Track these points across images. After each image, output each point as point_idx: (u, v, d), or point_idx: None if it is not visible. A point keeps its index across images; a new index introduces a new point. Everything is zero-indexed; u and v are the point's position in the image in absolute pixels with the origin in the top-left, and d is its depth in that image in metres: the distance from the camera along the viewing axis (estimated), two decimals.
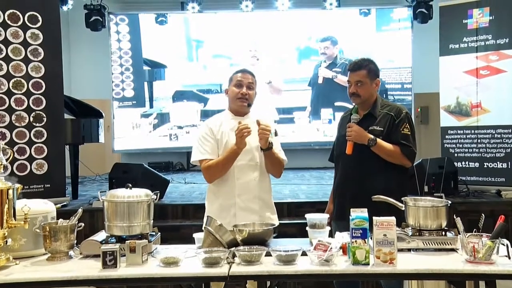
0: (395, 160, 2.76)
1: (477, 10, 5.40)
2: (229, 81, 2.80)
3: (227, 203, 2.69)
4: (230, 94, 2.77)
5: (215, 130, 2.73)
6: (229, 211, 2.68)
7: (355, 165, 2.79)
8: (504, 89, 5.24)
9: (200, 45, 8.87)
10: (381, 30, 8.77)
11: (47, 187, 4.91)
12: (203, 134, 2.73)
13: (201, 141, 2.72)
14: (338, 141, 2.96)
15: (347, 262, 2.01)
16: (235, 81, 2.76)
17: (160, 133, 8.81)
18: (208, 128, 2.73)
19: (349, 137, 2.75)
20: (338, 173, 2.95)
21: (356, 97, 2.83)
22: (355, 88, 2.81)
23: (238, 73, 2.78)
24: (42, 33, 4.94)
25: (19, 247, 2.16)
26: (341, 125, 3.01)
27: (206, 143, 2.70)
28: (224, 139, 2.71)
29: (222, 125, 2.75)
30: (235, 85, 2.74)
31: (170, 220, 4.96)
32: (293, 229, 4.19)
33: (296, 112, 8.75)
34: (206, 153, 2.69)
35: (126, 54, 8.81)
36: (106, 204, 2.23)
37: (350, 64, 2.92)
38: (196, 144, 2.74)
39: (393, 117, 2.79)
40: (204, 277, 2.00)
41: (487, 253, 1.95)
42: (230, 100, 2.79)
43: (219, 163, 2.66)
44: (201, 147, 2.71)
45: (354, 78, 2.82)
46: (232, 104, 2.79)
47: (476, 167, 5.39)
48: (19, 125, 4.83)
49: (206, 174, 2.71)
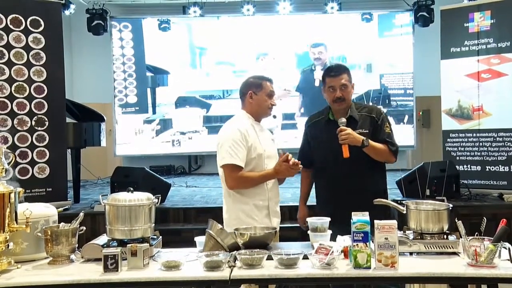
0: (382, 158, 2.86)
1: (478, 14, 5.40)
2: (257, 87, 2.77)
3: (261, 204, 2.72)
4: (260, 101, 2.76)
5: (247, 136, 2.69)
6: (261, 211, 2.71)
7: (349, 167, 2.79)
8: (505, 92, 5.24)
9: (204, 52, 8.89)
10: (383, 36, 8.78)
11: (49, 191, 4.91)
12: (236, 140, 2.65)
13: (234, 147, 2.65)
14: (318, 146, 2.93)
15: (349, 266, 2.01)
16: (267, 90, 2.77)
17: (163, 139, 8.83)
18: (241, 134, 2.67)
19: (344, 141, 2.72)
20: (325, 178, 2.93)
21: (341, 102, 2.84)
22: (341, 92, 2.82)
23: (268, 81, 2.80)
24: (44, 37, 4.95)
25: (21, 251, 2.17)
26: (316, 129, 2.97)
27: (239, 149, 2.65)
28: (256, 144, 2.71)
29: (252, 130, 2.74)
30: (268, 95, 2.77)
31: (172, 223, 4.97)
32: (294, 233, 4.19)
33: (299, 118, 8.75)
34: (238, 159, 2.65)
35: (130, 61, 8.83)
36: (107, 208, 2.24)
37: (329, 69, 2.92)
38: (228, 148, 2.65)
39: (374, 118, 2.88)
40: (205, 281, 2.00)
41: (489, 257, 1.94)
42: (257, 106, 2.78)
43: (255, 179, 2.69)
44: (233, 152, 2.64)
45: (339, 82, 2.82)
46: (259, 110, 2.80)
47: (478, 170, 5.38)
48: (21, 129, 4.84)
49: (236, 182, 2.68)
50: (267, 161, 2.75)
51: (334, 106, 2.88)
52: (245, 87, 2.82)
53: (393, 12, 8.82)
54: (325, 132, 2.90)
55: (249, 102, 2.79)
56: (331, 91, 2.85)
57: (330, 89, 2.85)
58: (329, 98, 2.87)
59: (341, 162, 2.78)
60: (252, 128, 2.76)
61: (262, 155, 2.72)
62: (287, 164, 2.63)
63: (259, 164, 2.71)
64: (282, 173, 2.69)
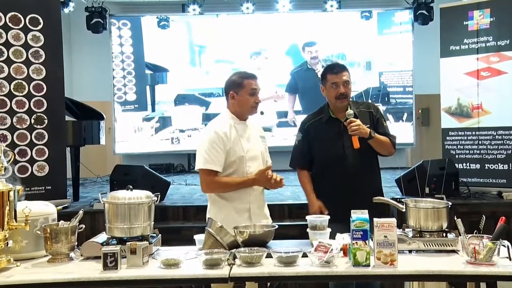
0: (385, 150, 2.91)
1: (478, 12, 5.40)
2: (238, 86, 2.68)
3: (242, 207, 2.65)
4: (243, 101, 2.67)
5: (225, 139, 2.61)
6: (242, 215, 2.64)
7: (353, 165, 2.85)
8: (505, 90, 5.24)
9: (203, 50, 8.88)
10: (383, 33, 8.78)
11: (48, 189, 4.91)
12: (213, 144, 2.59)
13: (210, 151, 2.58)
14: (321, 146, 2.92)
15: (348, 264, 2.01)
16: (249, 88, 2.67)
17: (162, 137, 8.83)
18: (218, 137, 2.60)
19: (354, 132, 2.76)
20: (327, 177, 2.91)
21: (344, 98, 2.86)
22: (344, 89, 2.84)
23: (249, 79, 2.69)
24: (43, 35, 4.94)
25: (20, 249, 2.17)
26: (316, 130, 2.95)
27: (216, 153, 2.59)
28: (236, 146, 2.64)
29: (232, 132, 2.66)
30: (250, 93, 2.67)
31: (171, 221, 4.96)
32: (294, 231, 4.19)
33: (297, 116, 8.75)
34: (214, 164, 2.58)
35: (128, 58, 8.82)
36: (107, 206, 2.24)
37: (330, 67, 2.94)
38: (204, 153, 2.59)
39: (372, 113, 2.97)
40: (204, 279, 2.00)
41: (488, 255, 1.95)
42: (241, 106, 2.69)
43: (230, 186, 2.62)
44: (209, 157, 2.58)
45: (342, 79, 2.85)
46: (242, 110, 2.71)
47: (477, 168, 5.38)
48: (20, 127, 4.83)
49: (210, 188, 2.64)
50: (250, 163, 2.67)
51: (336, 103, 2.88)
52: (227, 87, 2.74)
53: (392, 10, 8.81)
54: (327, 131, 2.91)
55: (231, 102, 2.71)
56: (334, 88, 2.85)
57: (333, 85, 2.85)
58: (332, 95, 2.87)
59: (344, 160, 2.83)
60: (234, 129, 2.67)
61: (244, 157, 2.65)
62: (265, 175, 2.58)
63: (241, 167, 2.64)
64: (261, 183, 2.65)
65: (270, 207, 2.90)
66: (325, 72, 2.93)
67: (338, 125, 2.88)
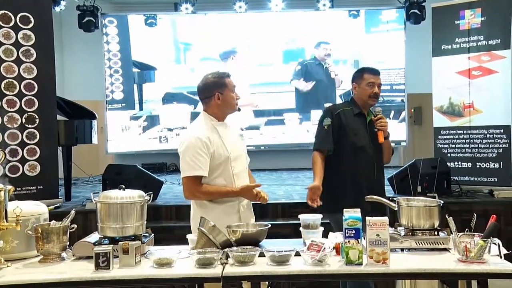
0: (388, 155, 3.23)
1: (469, 11, 5.43)
2: (221, 86, 2.65)
3: (231, 210, 2.63)
4: (227, 100, 2.65)
5: (208, 143, 2.57)
6: (233, 217, 2.61)
7: (377, 154, 3.11)
8: (496, 89, 5.28)
9: (188, 47, 8.85)
10: (370, 31, 8.82)
11: (40, 188, 4.88)
12: (197, 150, 2.54)
13: (195, 157, 2.54)
14: (356, 132, 3.08)
15: (340, 262, 2.02)
16: (231, 86, 2.66)
17: (150, 136, 8.77)
18: (202, 142, 2.55)
19: (383, 127, 3.06)
20: (356, 163, 3.06)
21: (375, 99, 3.12)
22: (378, 90, 3.11)
23: (229, 77, 2.69)
24: (34, 34, 4.91)
25: (11, 249, 2.15)
26: (346, 118, 3.10)
27: (201, 159, 2.54)
28: (219, 148, 2.61)
29: (214, 134, 2.62)
30: (232, 90, 2.67)
31: (164, 221, 4.95)
32: (287, 230, 4.20)
33: (286, 114, 8.77)
34: (201, 169, 2.54)
35: (115, 56, 8.75)
36: (99, 206, 2.22)
37: (369, 68, 3.22)
38: (189, 160, 2.55)
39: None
40: (197, 278, 2.00)
41: (479, 253, 1.96)
42: (226, 105, 2.66)
43: (214, 194, 2.59)
44: (194, 163, 2.53)
45: (378, 81, 3.13)
46: (227, 109, 2.68)
47: (468, 167, 5.42)
48: (11, 127, 4.80)
49: (196, 195, 2.59)
50: (234, 164, 2.65)
51: (368, 101, 3.11)
52: (209, 89, 2.67)
53: (379, 9, 8.86)
54: (354, 123, 3.11)
55: (216, 103, 2.65)
56: (369, 87, 3.09)
57: (370, 84, 3.09)
58: (366, 93, 3.09)
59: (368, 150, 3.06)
60: (215, 131, 2.64)
61: (229, 158, 2.62)
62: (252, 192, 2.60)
63: (226, 168, 2.62)
64: (245, 197, 2.64)
65: (263, 206, 2.92)
66: (362, 71, 3.17)
67: (364, 121, 3.13)
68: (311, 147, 3.19)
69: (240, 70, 8.64)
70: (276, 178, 7.53)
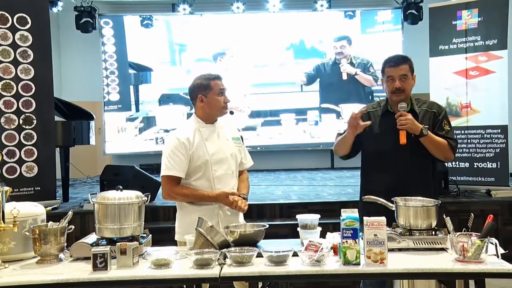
0: (440, 153, 2.72)
1: (466, 12, 5.45)
2: (205, 88, 2.63)
3: (209, 213, 2.60)
4: (212, 102, 2.63)
5: (187, 144, 2.58)
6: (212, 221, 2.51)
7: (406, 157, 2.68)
8: (493, 89, 5.29)
9: (183, 49, 8.85)
10: (366, 32, 8.86)
11: (37, 189, 4.87)
12: (174, 150, 2.57)
13: (172, 157, 2.57)
14: (377, 136, 2.77)
15: (338, 262, 2.02)
16: (217, 89, 2.63)
17: (146, 137, 8.77)
18: (180, 143, 2.57)
19: (403, 126, 2.62)
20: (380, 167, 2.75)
21: (400, 92, 2.72)
22: (400, 83, 2.72)
23: (216, 79, 2.66)
24: (32, 35, 4.90)
25: (8, 251, 2.15)
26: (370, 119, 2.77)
27: (177, 159, 2.57)
28: (199, 150, 2.60)
29: (195, 136, 2.62)
30: (218, 93, 2.64)
31: (162, 222, 4.95)
32: (285, 230, 4.21)
33: (283, 114, 8.78)
34: (175, 170, 2.56)
35: (111, 58, 8.76)
36: (96, 206, 2.22)
37: (388, 60, 2.83)
38: (165, 159, 2.58)
39: (435, 114, 2.78)
40: (195, 279, 2.00)
41: (476, 252, 1.96)
42: (211, 108, 2.64)
43: (190, 197, 2.60)
44: (170, 164, 2.57)
45: (399, 73, 2.73)
46: (212, 112, 2.67)
47: (466, 167, 5.43)
48: (8, 128, 4.79)
49: (172, 196, 2.62)
50: (216, 167, 2.63)
51: (392, 97, 2.76)
52: (193, 91, 2.68)
53: (375, 10, 8.89)
54: (379, 124, 2.79)
55: (200, 106, 2.66)
56: (390, 81, 2.75)
57: (389, 79, 2.75)
58: (388, 89, 2.76)
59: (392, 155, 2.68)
60: (198, 132, 2.63)
61: (208, 161, 2.60)
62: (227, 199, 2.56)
63: (207, 171, 2.62)
64: (221, 202, 2.61)
65: (261, 207, 2.91)
66: (383, 65, 2.83)
67: (393, 119, 2.69)
68: (309, 147, 3.16)
69: (235, 71, 8.66)
70: (274, 178, 7.53)
